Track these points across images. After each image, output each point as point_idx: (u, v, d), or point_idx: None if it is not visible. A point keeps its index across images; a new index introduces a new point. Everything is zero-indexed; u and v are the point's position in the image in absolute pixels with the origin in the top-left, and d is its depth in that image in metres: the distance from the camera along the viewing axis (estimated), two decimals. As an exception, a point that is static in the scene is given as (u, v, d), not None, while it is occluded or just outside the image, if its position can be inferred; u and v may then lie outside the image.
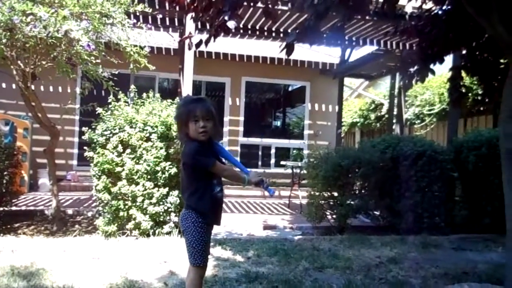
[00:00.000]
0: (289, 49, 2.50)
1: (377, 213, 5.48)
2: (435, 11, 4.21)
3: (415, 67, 4.36)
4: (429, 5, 4.25)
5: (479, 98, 6.48)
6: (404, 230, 5.09)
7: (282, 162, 8.19)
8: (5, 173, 5.13)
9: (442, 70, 7.19)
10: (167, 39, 8.33)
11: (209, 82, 10.17)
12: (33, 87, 4.89)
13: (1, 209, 5.27)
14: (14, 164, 5.34)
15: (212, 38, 3.40)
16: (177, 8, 5.34)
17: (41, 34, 3.93)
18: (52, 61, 4.63)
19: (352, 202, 5.16)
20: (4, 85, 8.42)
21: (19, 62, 4.48)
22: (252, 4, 3.50)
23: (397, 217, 5.23)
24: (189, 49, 3.47)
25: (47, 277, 3.08)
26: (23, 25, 3.78)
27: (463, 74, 4.59)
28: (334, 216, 5.24)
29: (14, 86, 7.49)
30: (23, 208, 6.19)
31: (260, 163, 10.25)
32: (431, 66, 4.24)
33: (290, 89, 11.48)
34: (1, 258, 3.54)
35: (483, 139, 5.36)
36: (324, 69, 10.20)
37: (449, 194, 5.43)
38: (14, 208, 5.58)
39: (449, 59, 5.01)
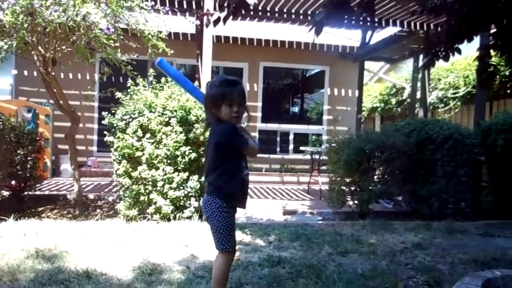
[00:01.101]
0: (318, 27, 2.38)
1: (399, 198, 5.36)
2: (465, -13, 4.01)
3: (441, 47, 4.19)
4: (459, -19, 4.06)
5: (507, 79, 6.21)
6: (428, 216, 4.96)
7: (301, 148, 8.09)
8: (29, 158, 5.22)
9: (467, 52, 6.93)
10: (184, 24, 8.25)
11: (226, 68, 10.07)
12: (53, 73, 4.91)
13: (26, 193, 5.37)
14: (37, 149, 5.41)
15: (231, 16, 3.31)
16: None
17: (61, 18, 3.92)
18: (72, 46, 4.63)
19: (374, 187, 5.05)
20: (26, 73, 8.52)
21: (39, 47, 4.48)
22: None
23: (421, 203, 5.10)
24: (207, 26, 3.38)
25: (71, 260, 3.11)
26: (43, 9, 3.77)
27: (492, 53, 4.40)
28: (355, 201, 5.15)
29: (35, 73, 7.60)
30: (46, 192, 6.30)
31: (278, 149, 10.17)
32: (459, 45, 4.07)
33: (308, 74, 11.29)
34: (26, 241, 3.59)
35: (512, 121, 5.16)
36: (344, 53, 9.97)
37: (475, 179, 5.27)
38: (38, 192, 5.68)
39: (476, 40, 4.80)
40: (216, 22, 3.40)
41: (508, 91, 7.99)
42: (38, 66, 4.73)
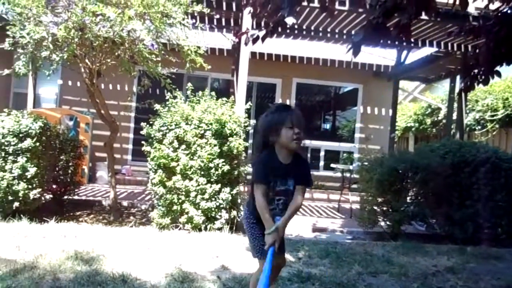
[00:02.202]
0: (357, 48, 2.44)
1: (433, 221, 5.23)
2: (504, 10, 3.97)
3: (480, 69, 4.14)
4: (496, 4, 4.03)
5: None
6: (462, 240, 4.82)
7: (332, 165, 8.06)
8: (70, 164, 5.49)
9: (507, 73, 6.76)
10: (220, 40, 8.49)
11: (260, 83, 10.23)
12: (97, 84, 5.18)
13: (66, 197, 5.63)
14: (78, 156, 5.68)
15: (269, 35, 3.42)
16: (234, 2, 5.40)
17: (108, 33, 4.16)
18: (116, 59, 4.89)
19: (407, 208, 4.97)
20: (70, 83, 8.98)
21: (86, 60, 4.76)
22: (310, 3, 3.49)
23: (455, 226, 4.97)
24: (246, 44, 3.50)
25: (107, 263, 3.24)
26: (93, 25, 4.02)
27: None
28: (387, 222, 5.07)
29: (78, 83, 8.00)
30: (83, 198, 6.56)
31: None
32: (498, 67, 4.01)
33: (341, 91, 11.28)
34: (66, 243, 3.77)
35: (555, 147, 4.97)
36: (378, 72, 9.93)
37: (514, 204, 5.08)
38: (76, 197, 5.94)
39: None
40: (255, 40, 3.52)
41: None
42: (84, 77, 5.01)
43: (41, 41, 4.09)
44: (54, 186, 5.44)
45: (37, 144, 4.73)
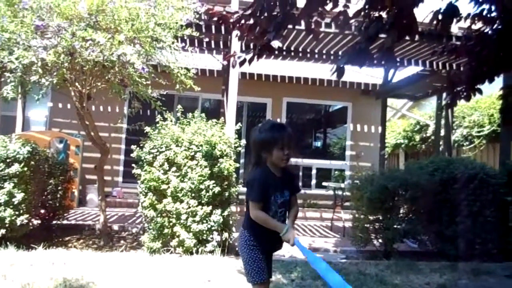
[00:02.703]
0: (340, 71, 2.51)
1: (425, 238, 5.25)
2: (485, 31, 4.10)
3: (462, 87, 4.24)
4: (478, 25, 4.15)
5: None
6: (454, 257, 4.84)
7: (324, 183, 8.08)
8: (59, 188, 5.42)
9: (492, 90, 6.92)
10: (210, 61, 8.58)
11: (251, 103, 10.31)
12: (87, 107, 5.17)
13: (54, 222, 5.54)
14: (67, 180, 5.63)
15: (256, 57, 3.48)
16: (223, 26, 5.49)
17: (98, 58, 4.19)
18: (106, 83, 4.91)
19: (399, 226, 4.98)
20: (60, 105, 8.95)
21: (76, 83, 4.77)
22: (296, 26, 3.56)
23: (447, 243, 4.99)
24: (233, 67, 3.57)
25: (97, 291, 3.18)
26: (83, 50, 4.04)
27: (515, 93, 4.41)
28: (380, 240, 5.08)
29: (69, 106, 7.99)
30: (73, 222, 6.46)
31: (300, 183, 10.16)
32: (480, 85, 4.11)
33: (331, 109, 11.41)
34: (54, 270, 3.70)
35: (540, 162, 5.06)
36: (366, 90, 10.08)
37: (502, 219, 5.13)
38: (65, 222, 5.85)
39: (499, 79, 4.82)
40: (242, 63, 3.58)
41: (536, 130, 7.87)
42: (74, 101, 5.01)
43: (30, 66, 4.09)
44: (42, 211, 5.36)
45: (25, 169, 4.68)
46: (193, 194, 4.77)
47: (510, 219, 5.25)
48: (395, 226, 4.92)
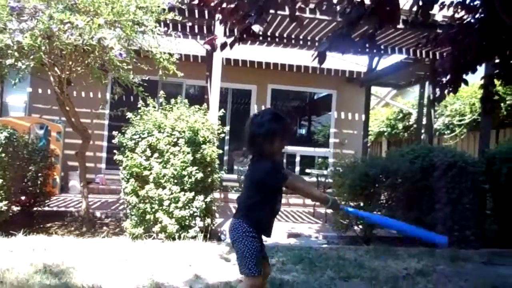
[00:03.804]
0: (321, 57, 2.50)
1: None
2: (468, 20, 4.13)
3: (447, 77, 4.28)
4: (461, 13, 4.18)
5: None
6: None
7: (307, 170, 8.15)
8: (40, 174, 5.34)
9: (474, 79, 7.02)
10: (195, 47, 8.49)
11: (235, 89, 10.26)
12: (67, 92, 5.08)
13: (35, 209, 5.47)
14: (48, 166, 5.54)
15: (238, 42, 3.45)
16: (205, 9, 5.42)
17: (77, 41, 4.10)
18: (86, 67, 4.82)
19: (379, 213, 5.06)
20: (40, 91, 8.76)
21: (55, 68, 4.67)
22: (278, 10, 3.54)
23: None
24: (214, 50, 3.53)
25: (77, 276, 3.17)
26: (61, 33, 3.95)
27: (496, 82, 4.47)
28: (360, 226, 5.16)
29: (49, 91, 7.82)
30: (55, 209, 6.39)
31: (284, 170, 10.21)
32: (464, 75, 4.15)
33: (316, 97, 11.45)
34: (35, 256, 3.66)
35: (517, 150, 5.18)
36: (351, 78, 10.13)
37: (480, 207, 5.26)
38: (46, 208, 5.78)
39: (481, 69, 4.89)
40: (223, 47, 3.55)
41: (514, 119, 8.04)
42: (53, 86, 4.91)
43: (5, 49, 3.98)
44: (22, 198, 5.28)
45: (3, 155, 4.59)
46: (175, 180, 4.76)
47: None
48: (375, 213, 5.00)
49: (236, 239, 2.15)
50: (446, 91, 3.94)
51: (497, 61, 4.33)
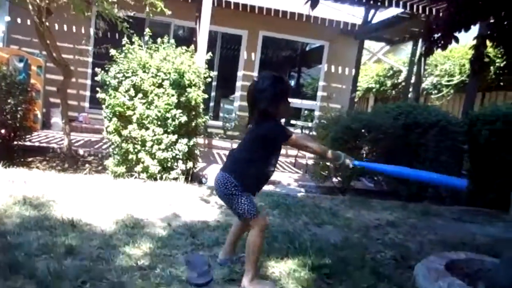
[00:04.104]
0: (313, 2, 2.40)
1: (380, 178, 5.50)
2: (466, -24, 4.00)
3: (439, 34, 4.21)
4: (459, -31, 4.04)
5: (501, 71, 6.22)
6: (406, 197, 5.12)
7: (293, 122, 8.17)
8: (19, 108, 5.23)
9: (466, 40, 6.95)
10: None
11: (225, 34, 9.97)
12: (47, 23, 4.85)
13: (15, 143, 5.41)
14: (28, 100, 5.41)
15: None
16: None
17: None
18: (68, -3, 4.57)
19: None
20: (19, 20, 8.34)
21: (34, -5, 4.42)
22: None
23: (401, 184, 5.25)
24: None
25: (57, 209, 3.20)
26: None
27: (488, 43, 4.43)
28: (338, 177, 5.28)
29: (29, 22, 7.46)
30: (36, 144, 6.34)
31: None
32: (457, 33, 4.10)
33: (307, 48, 11.22)
34: (14, 188, 3.67)
35: (500, 113, 5.23)
36: (345, 29, 9.88)
37: (456, 166, 5.39)
38: (27, 143, 5.73)
39: (474, 29, 4.81)
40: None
41: (501, 83, 8.08)
42: (32, 15, 4.67)
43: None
44: (2, 131, 5.20)
45: (-20, 85, 4.45)
46: (159, 122, 4.73)
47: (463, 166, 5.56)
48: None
49: (227, 193, 2.19)
50: (435, 47, 3.89)
51: (491, 21, 4.26)
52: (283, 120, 2.29)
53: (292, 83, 11.49)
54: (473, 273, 2.63)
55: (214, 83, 9.83)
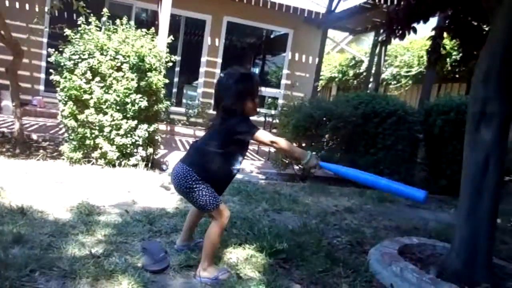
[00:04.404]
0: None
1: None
2: (426, -31, 4.10)
3: (398, 24, 4.31)
4: (420, -39, 4.13)
5: (456, 64, 6.46)
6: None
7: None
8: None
9: (426, 32, 7.18)
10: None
11: (188, 18, 9.76)
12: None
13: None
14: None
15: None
16: None
17: None
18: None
19: (318, 153, 5.26)
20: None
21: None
22: None
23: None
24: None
25: (5, 196, 3.05)
26: None
27: (445, 35, 4.59)
28: (299, 165, 5.35)
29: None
30: (-15, 128, 5.99)
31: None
32: (415, 25, 4.21)
33: (272, 35, 11.20)
34: (-42, 174, 3.47)
35: (453, 104, 5.46)
36: (309, 18, 9.92)
37: (411, 154, 5.61)
38: (-26, 127, 5.40)
39: (433, 21, 4.97)
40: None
41: (457, 75, 8.44)
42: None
43: None
44: None
45: None
46: (118, 107, 4.58)
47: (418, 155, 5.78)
48: (314, 153, 5.17)
49: (186, 188, 2.10)
50: (393, 37, 3.99)
51: (449, 13, 4.41)
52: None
53: (257, 70, 11.47)
54: (425, 257, 2.75)
55: (177, 69, 9.64)
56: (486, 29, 3.91)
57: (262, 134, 2.09)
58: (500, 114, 2.44)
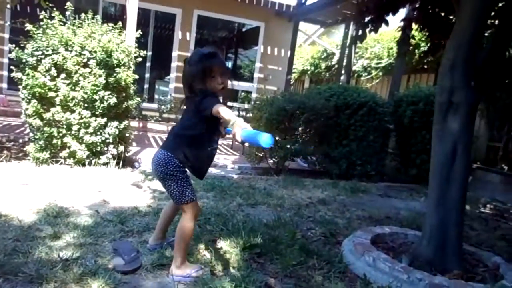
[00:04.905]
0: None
1: (314, 158, 5.67)
2: (394, -40, 4.14)
3: (370, 17, 4.35)
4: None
5: (424, 54, 6.58)
6: (337, 176, 5.35)
7: (229, 104, 8.11)
8: None
9: (395, 24, 7.29)
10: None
11: (158, 12, 9.55)
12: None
13: None
14: None
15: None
16: None
17: None
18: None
19: (292, 146, 5.28)
20: None
21: None
22: None
23: (332, 163, 5.46)
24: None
25: (-34, 200, 2.92)
26: None
27: (414, 26, 4.68)
28: (273, 158, 5.36)
29: None
30: None
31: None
32: (385, 16, 4.26)
33: (244, 29, 11.13)
34: None
35: (422, 95, 5.59)
36: (280, 11, 9.91)
37: (383, 145, 5.72)
38: None
39: (402, 13, 5.04)
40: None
41: (425, 66, 8.62)
42: None
43: None
44: None
45: None
46: (86, 105, 4.45)
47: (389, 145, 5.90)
48: (288, 146, 5.20)
49: (167, 174, 2.07)
50: (367, 30, 4.01)
51: (417, 5, 4.48)
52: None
53: (229, 64, 11.38)
54: (397, 246, 2.80)
55: (148, 64, 9.45)
56: (453, 20, 4.00)
57: (217, 107, 1.93)
58: (466, 103, 2.49)
